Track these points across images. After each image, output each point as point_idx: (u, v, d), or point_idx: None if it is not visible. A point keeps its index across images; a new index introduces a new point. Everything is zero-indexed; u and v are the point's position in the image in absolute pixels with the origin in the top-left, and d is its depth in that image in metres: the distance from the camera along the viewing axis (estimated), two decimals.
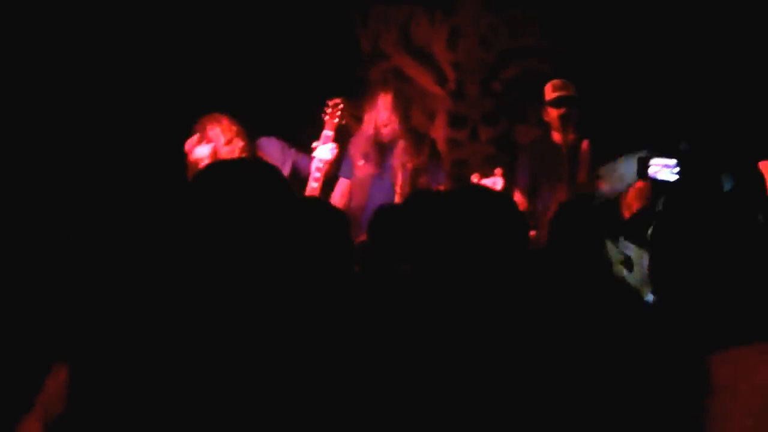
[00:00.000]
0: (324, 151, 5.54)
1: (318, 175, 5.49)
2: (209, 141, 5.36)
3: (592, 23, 7.01)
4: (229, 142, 5.38)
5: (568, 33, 7.00)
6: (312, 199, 4.70)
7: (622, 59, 6.93)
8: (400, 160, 5.73)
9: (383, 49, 7.11)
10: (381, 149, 5.79)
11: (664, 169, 4.89)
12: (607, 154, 5.65)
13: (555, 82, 5.90)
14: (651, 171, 4.89)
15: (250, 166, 2.23)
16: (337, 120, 5.60)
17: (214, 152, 5.34)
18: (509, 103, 7.09)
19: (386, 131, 5.76)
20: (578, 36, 6.98)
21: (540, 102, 5.95)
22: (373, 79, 7.02)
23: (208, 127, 5.38)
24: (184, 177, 5.21)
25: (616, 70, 6.88)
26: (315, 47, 6.83)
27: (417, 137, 5.94)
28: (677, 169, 4.87)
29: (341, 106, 5.62)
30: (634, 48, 6.90)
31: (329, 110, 5.62)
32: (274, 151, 5.65)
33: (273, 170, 2.22)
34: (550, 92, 5.86)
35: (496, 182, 5.55)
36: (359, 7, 7.04)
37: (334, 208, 3.13)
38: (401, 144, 5.76)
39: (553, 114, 5.83)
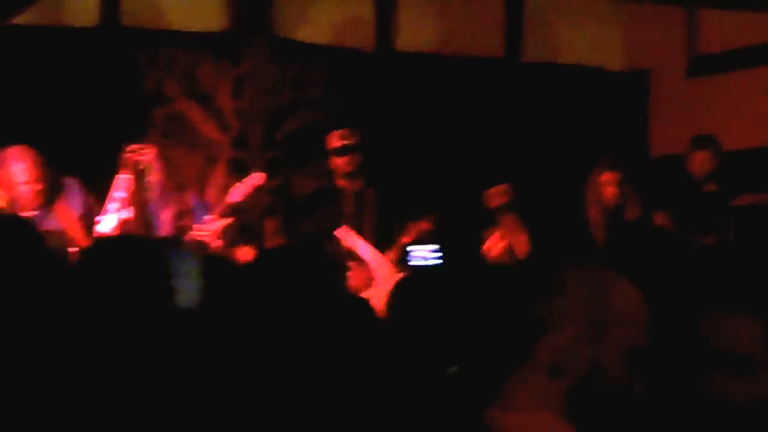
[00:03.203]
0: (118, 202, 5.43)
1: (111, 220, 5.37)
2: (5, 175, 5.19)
3: (375, 81, 7.25)
4: (27, 183, 5.22)
5: (351, 88, 7.19)
6: None
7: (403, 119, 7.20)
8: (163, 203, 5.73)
9: (166, 93, 7.07)
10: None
11: (424, 256, 5.08)
12: (395, 204, 5.84)
13: (340, 130, 6.02)
14: (412, 260, 5.10)
15: None
16: (134, 165, 5.49)
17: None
18: (290, 154, 7.17)
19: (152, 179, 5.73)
20: (360, 91, 7.19)
21: (323, 153, 6.06)
22: (154, 123, 6.97)
23: (11, 162, 5.21)
24: None
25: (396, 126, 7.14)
26: (99, 86, 6.72)
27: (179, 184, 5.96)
28: (438, 254, 5.05)
29: (144, 151, 5.52)
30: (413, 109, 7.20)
31: (128, 155, 5.50)
32: (77, 193, 5.52)
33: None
34: (335, 140, 5.97)
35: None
36: (145, 49, 6.98)
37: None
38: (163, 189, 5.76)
39: (338, 162, 5.94)
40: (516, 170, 7.23)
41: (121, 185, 5.46)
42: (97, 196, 5.56)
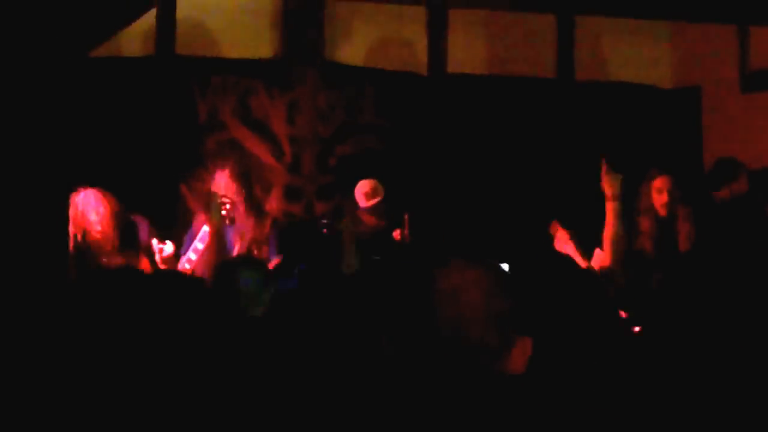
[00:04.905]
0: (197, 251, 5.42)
1: (188, 267, 5.39)
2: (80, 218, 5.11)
3: (427, 104, 7.28)
4: (102, 227, 5.13)
5: (403, 111, 7.22)
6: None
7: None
8: (238, 230, 5.71)
9: (221, 120, 7.12)
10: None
11: None
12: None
13: (365, 188, 6.27)
14: None
15: None
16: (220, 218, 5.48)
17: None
18: (344, 179, 7.19)
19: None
20: (412, 114, 7.23)
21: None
22: (209, 150, 7.02)
23: (87, 206, 5.09)
24: None
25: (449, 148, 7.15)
26: (154, 114, 6.78)
27: (257, 208, 5.95)
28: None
29: (227, 204, 5.50)
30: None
31: (216, 203, 5.48)
32: (145, 233, 5.51)
33: None
34: (363, 200, 6.28)
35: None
36: (197, 78, 7.04)
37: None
38: (240, 214, 5.74)
39: (369, 220, 6.19)
40: (569, 189, 7.23)
41: (204, 237, 5.44)
42: (154, 223, 5.55)
